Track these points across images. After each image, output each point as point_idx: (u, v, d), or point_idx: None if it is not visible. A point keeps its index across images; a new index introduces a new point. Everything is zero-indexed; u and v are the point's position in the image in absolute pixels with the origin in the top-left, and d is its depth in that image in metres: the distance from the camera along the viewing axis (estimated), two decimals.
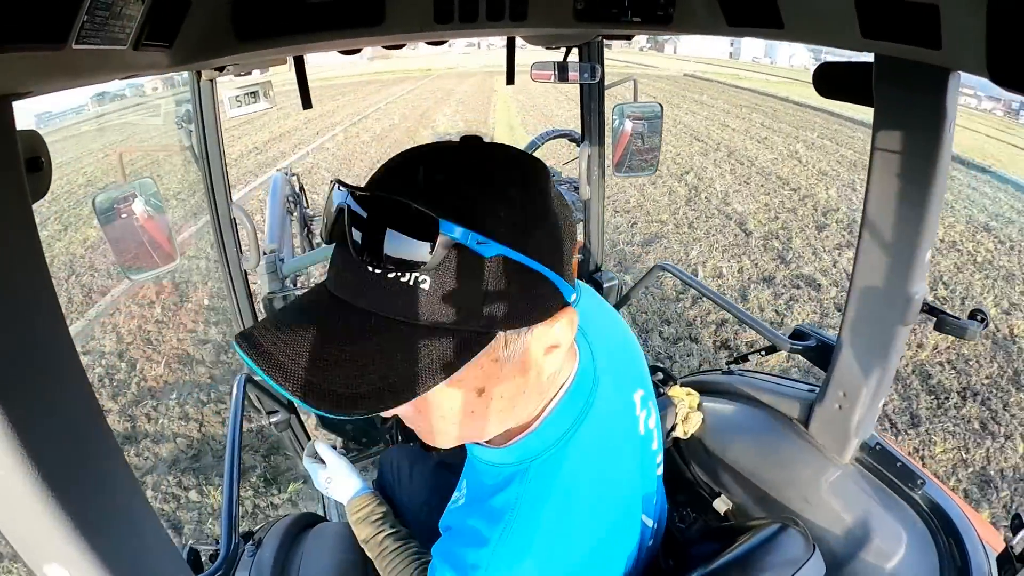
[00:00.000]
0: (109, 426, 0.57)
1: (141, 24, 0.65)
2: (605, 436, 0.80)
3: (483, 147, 0.64)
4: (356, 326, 0.58)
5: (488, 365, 0.63)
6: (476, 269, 0.57)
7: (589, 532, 0.76)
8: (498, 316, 0.59)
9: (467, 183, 0.59)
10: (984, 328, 1.16)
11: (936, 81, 0.94)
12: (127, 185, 1.59)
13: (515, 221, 0.58)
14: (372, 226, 0.55)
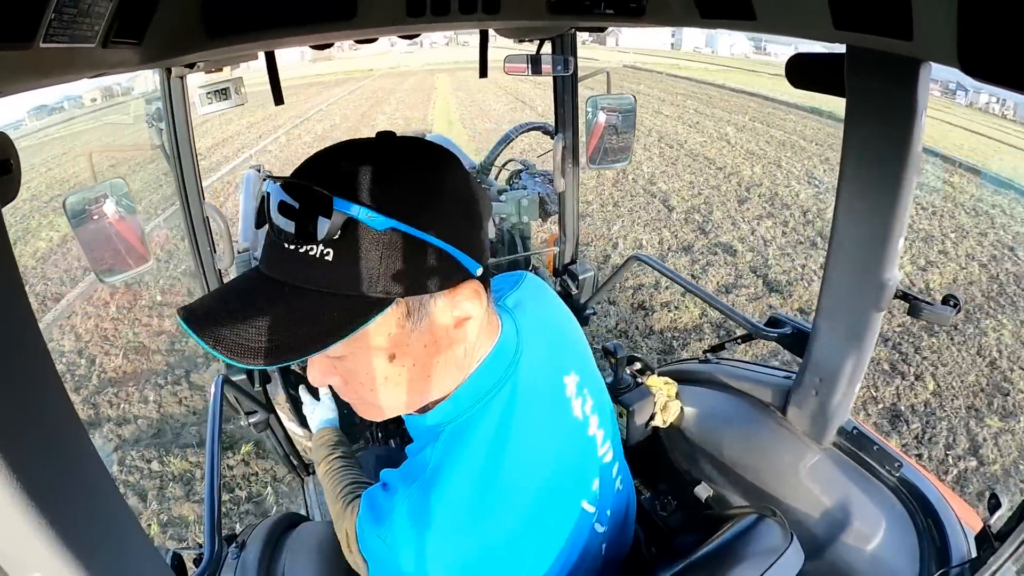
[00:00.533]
0: (89, 436, 0.56)
1: (110, 21, 0.64)
2: (526, 411, 0.82)
3: (390, 139, 0.71)
4: (273, 293, 0.64)
5: (395, 332, 0.69)
6: (370, 241, 0.63)
7: (504, 501, 0.77)
8: (394, 285, 0.65)
9: (365, 167, 0.65)
10: (957, 313, 1.19)
11: (907, 72, 0.95)
12: (98, 186, 1.56)
13: (407, 198, 0.65)
14: (284, 207, 0.62)
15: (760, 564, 0.81)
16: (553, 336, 0.95)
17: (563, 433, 0.88)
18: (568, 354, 0.96)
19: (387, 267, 0.64)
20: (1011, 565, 0.93)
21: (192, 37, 0.97)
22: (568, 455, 0.88)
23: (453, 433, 0.79)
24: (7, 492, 0.45)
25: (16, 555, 0.48)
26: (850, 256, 1.22)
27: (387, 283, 0.64)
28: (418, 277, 0.66)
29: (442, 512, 0.73)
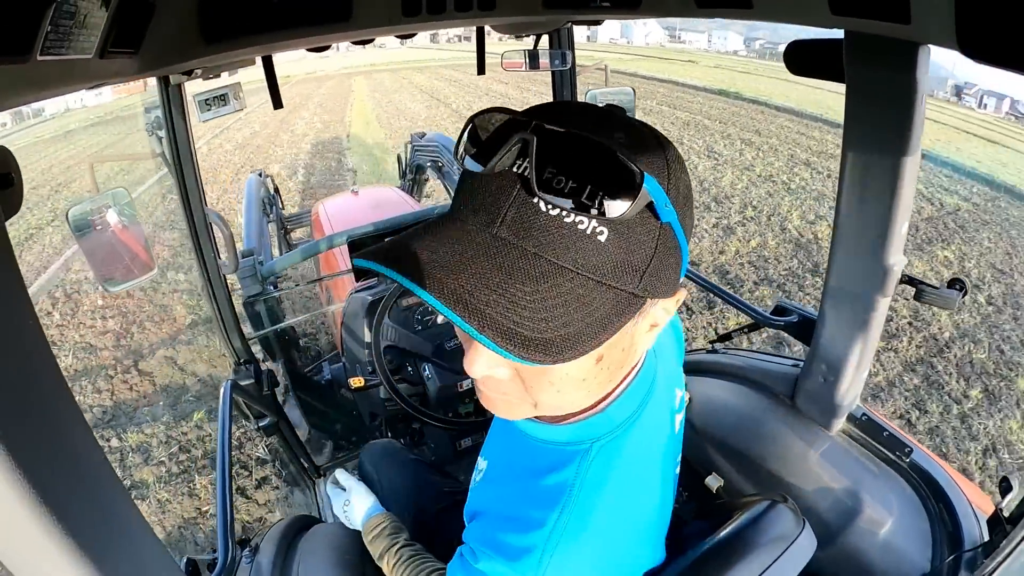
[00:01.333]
0: (99, 444, 0.56)
1: (106, 32, 0.64)
2: (657, 426, 0.79)
3: (630, 118, 0.63)
4: (530, 267, 0.54)
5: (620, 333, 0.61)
6: (652, 231, 0.56)
7: (640, 517, 0.76)
8: (653, 283, 0.58)
9: (655, 145, 0.59)
10: (963, 296, 1.18)
11: (906, 56, 0.94)
12: (100, 196, 1.56)
13: (683, 193, 0.59)
14: (569, 166, 0.53)
15: (773, 550, 0.81)
16: (668, 346, 0.91)
17: (670, 447, 0.84)
18: (673, 363, 0.92)
19: (655, 263, 0.57)
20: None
21: (189, 44, 0.97)
22: (671, 467, 0.85)
23: (603, 449, 0.72)
24: (20, 502, 0.45)
25: (30, 565, 0.49)
26: (854, 242, 1.21)
27: (648, 280, 0.57)
28: (670, 278, 0.60)
29: (599, 528, 0.69)
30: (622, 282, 0.56)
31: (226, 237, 2.03)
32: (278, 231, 4.40)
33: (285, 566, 1.33)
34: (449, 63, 38.21)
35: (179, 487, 3.45)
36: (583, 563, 0.68)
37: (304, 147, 14.18)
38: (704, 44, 60.44)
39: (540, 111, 0.60)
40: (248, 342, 2.16)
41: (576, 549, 0.68)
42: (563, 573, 0.67)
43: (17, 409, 0.46)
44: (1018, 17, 0.53)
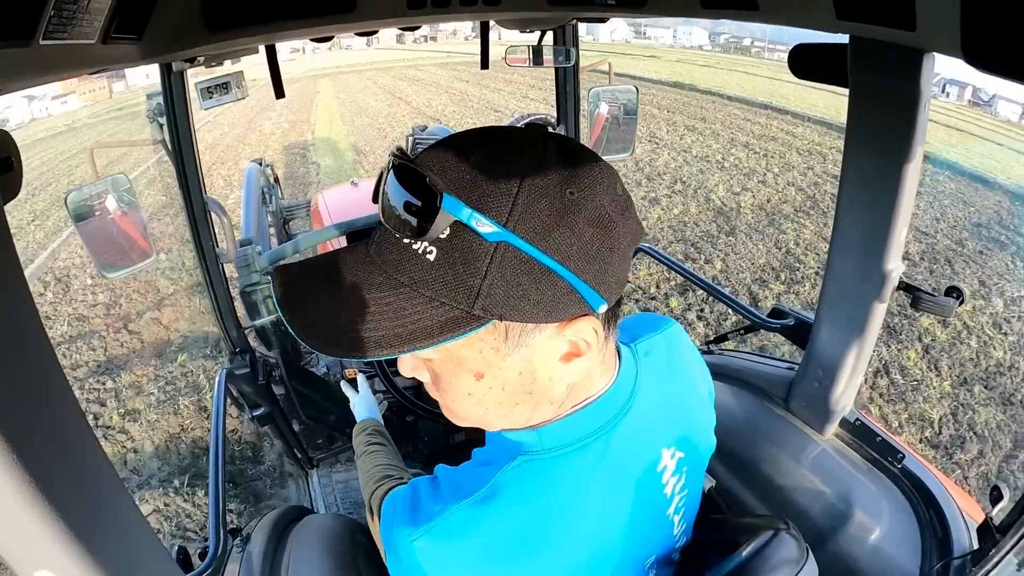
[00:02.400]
0: (92, 430, 0.56)
1: (109, 17, 0.63)
2: (613, 472, 0.73)
3: (541, 136, 0.63)
4: (374, 280, 0.62)
5: (487, 352, 0.62)
6: (476, 251, 0.57)
7: (555, 554, 0.69)
8: (494, 304, 0.58)
9: (494, 165, 0.58)
10: (960, 304, 1.18)
11: (911, 63, 0.94)
12: (100, 182, 1.56)
13: (533, 211, 0.57)
14: (394, 192, 0.59)
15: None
16: (672, 399, 0.84)
17: (643, 508, 0.77)
18: (679, 425, 0.84)
19: (490, 283, 0.57)
20: (1013, 557, 0.93)
21: (192, 32, 0.96)
22: (639, 531, 0.78)
23: (531, 465, 0.70)
24: (12, 488, 0.45)
25: (21, 552, 0.48)
26: (853, 247, 1.21)
27: (487, 301, 0.57)
28: (523, 302, 0.58)
29: (488, 540, 0.67)
30: (453, 299, 0.58)
31: (225, 226, 2.02)
32: (277, 221, 4.38)
33: (276, 556, 1.33)
34: (413, 63, 38.81)
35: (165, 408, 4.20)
36: (460, 561, 0.68)
37: (272, 145, 14.57)
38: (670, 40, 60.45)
39: (439, 143, 0.64)
40: (244, 331, 2.15)
41: (460, 541, 0.68)
42: (438, 556, 0.68)
43: (9, 394, 0.46)
44: None
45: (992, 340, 4.80)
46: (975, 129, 16.82)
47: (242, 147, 14.59)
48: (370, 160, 11.76)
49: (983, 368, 4.46)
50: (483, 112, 16.93)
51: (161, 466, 3.57)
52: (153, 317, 5.63)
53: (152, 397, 4.33)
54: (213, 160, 12.93)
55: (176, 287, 6.24)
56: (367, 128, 15.63)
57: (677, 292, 5.37)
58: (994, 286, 5.82)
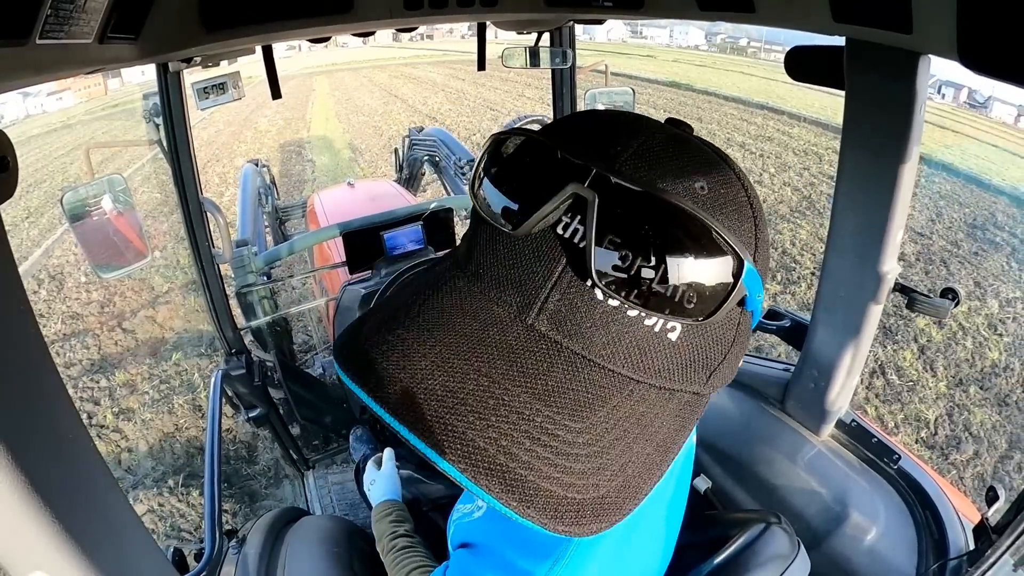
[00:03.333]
0: (88, 433, 0.56)
1: (106, 17, 0.63)
2: (676, 498, 0.74)
3: (698, 142, 0.47)
4: (579, 383, 0.40)
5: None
6: (734, 319, 0.45)
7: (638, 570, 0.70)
8: (720, 377, 0.46)
9: (737, 193, 0.44)
10: (955, 306, 1.18)
11: (906, 65, 0.94)
12: (95, 182, 1.55)
13: (764, 254, 0.46)
14: (641, 242, 0.39)
15: (769, 574, 0.82)
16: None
17: (675, 499, 0.76)
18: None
19: (732, 354, 0.46)
20: (1008, 558, 0.93)
21: (189, 32, 0.96)
22: (674, 519, 0.76)
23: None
24: (7, 489, 0.45)
25: (17, 553, 0.48)
26: (849, 248, 1.22)
27: (717, 375, 0.46)
28: (735, 364, 0.48)
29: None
30: (688, 383, 0.44)
31: (221, 226, 2.02)
32: (273, 222, 4.38)
33: (272, 557, 1.33)
34: (409, 61, 38.73)
35: (160, 407, 4.15)
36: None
37: (267, 142, 14.55)
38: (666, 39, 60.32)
39: (582, 134, 0.46)
40: (240, 332, 2.15)
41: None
42: None
43: (3, 394, 0.45)
44: (1019, 30, 0.53)
45: (987, 341, 4.81)
46: (970, 131, 16.89)
47: (238, 144, 14.58)
48: (366, 158, 11.76)
49: (978, 369, 4.48)
50: (480, 111, 16.91)
51: (155, 466, 3.57)
52: (147, 315, 5.64)
53: (146, 396, 4.32)
54: (208, 157, 12.90)
55: (171, 285, 6.25)
56: (363, 126, 15.68)
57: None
58: (989, 287, 5.84)
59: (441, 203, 2.63)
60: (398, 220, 2.43)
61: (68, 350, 5.10)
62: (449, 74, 28.38)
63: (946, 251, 6.86)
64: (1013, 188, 10.02)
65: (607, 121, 0.47)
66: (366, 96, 22.63)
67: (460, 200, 3.11)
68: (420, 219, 2.45)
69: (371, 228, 2.38)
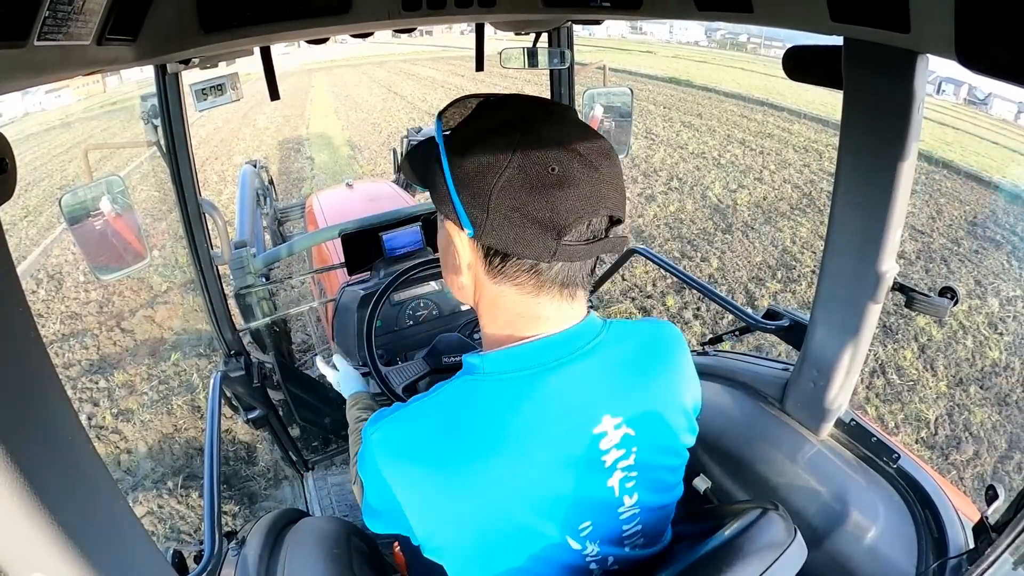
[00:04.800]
0: (87, 434, 0.56)
1: (104, 18, 0.63)
2: (538, 406, 0.78)
3: (531, 97, 0.82)
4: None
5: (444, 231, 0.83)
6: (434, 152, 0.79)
7: (465, 468, 0.76)
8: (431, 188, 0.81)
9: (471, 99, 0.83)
10: (954, 305, 1.19)
11: (905, 64, 0.94)
12: (94, 184, 1.55)
13: (464, 133, 0.77)
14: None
15: (764, 559, 0.81)
16: (635, 380, 0.85)
17: (571, 462, 0.80)
18: (635, 405, 0.85)
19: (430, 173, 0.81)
20: (1008, 556, 0.93)
21: (187, 33, 0.96)
22: (566, 484, 0.80)
23: (470, 383, 0.81)
24: (7, 492, 0.45)
25: (16, 555, 0.48)
26: (847, 248, 1.22)
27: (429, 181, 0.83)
28: (437, 197, 0.80)
29: (420, 429, 0.79)
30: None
31: (220, 227, 2.02)
32: (271, 223, 4.38)
33: (272, 559, 1.33)
34: (408, 58, 38.67)
35: (159, 408, 4.16)
36: (390, 451, 0.79)
37: (266, 140, 14.54)
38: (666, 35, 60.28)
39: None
40: (239, 334, 2.15)
41: (389, 436, 0.80)
42: (379, 448, 0.79)
43: (6, 399, 0.46)
44: (1017, 29, 0.53)
45: (988, 340, 4.81)
46: (970, 127, 16.88)
47: (236, 142, 14.54)
48: (365, 156, 11.75)
49: (979, 368, 4.48)
50: None
51: (154, 467, 3.56)
52: (146, 315, 5.63)
53: (145, 397, 4.32)
54: (207, 155, 12.90)
55: (169, 284, 6.23)
56: (362, 123, 15.60)
57: (674, 291, 5.35)
58: (989, 286, 5.83)
59: None
60: (397, 221, 2.43)
61: (67, 350, 5.08)
62: (448, 70, 28.37)
63: (946, 249, 6.84)
64: (1014, 185, 9.99)
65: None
66: (365, 93, 22.64)
67: None
68: (419, 220, 2.46)
69: (370, 229, 2.38)
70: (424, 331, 2.39)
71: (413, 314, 2.41)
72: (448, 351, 1.79)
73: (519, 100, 0.80)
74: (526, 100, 0.80)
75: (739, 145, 11.79)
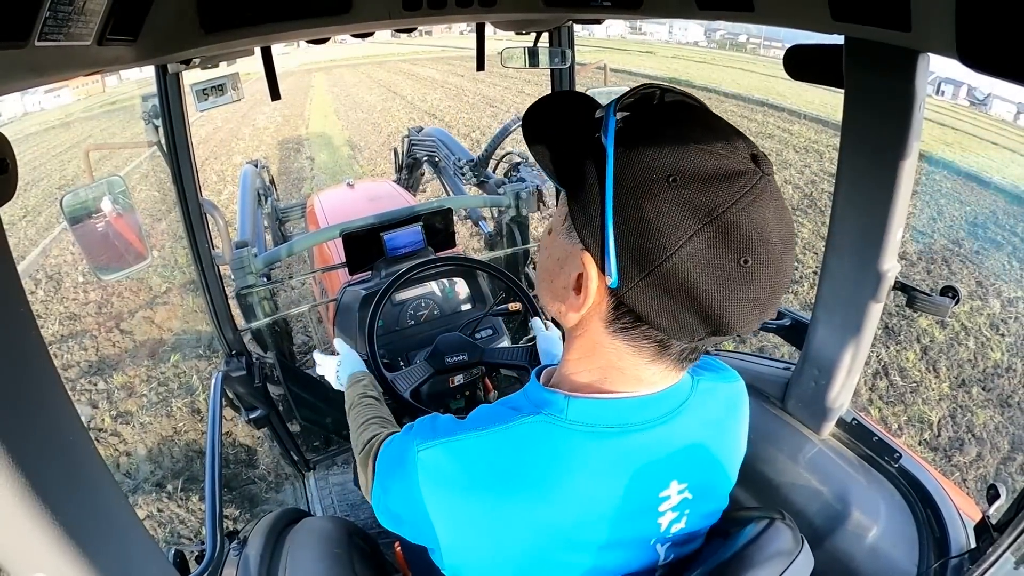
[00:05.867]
0: (90, 435, 0.56)
1: (105, 19, 0.63)
2: (613, 468, 0.74)
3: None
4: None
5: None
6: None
7: (520, 503, 0.72)
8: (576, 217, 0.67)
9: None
10: (956, 304, 1.18)
11: (906, 63, 0.94)
12: (95, 184, 1.55)
13: (647, 152, 0.61)
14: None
15: (772, 570, 0.81)
16: (706, 445, 0.83)
17: (629, 522, 0.77)
18: (702, 472, 0.83)
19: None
20: (1010, 556, 0.93)
21: (187, 33, 0.96)
22: (618, 539, 0.78)
23: (549, 426, 0.72)
24: (9, 492, 0.45)
25: (18, 555, 0.48)
26: (849, 247, 1.22)
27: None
28: (575, 207, 0.67)
29: (479, 466, 0.72)
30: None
31: (221, 227, 2.02)
32: (272, 222, 4.38)
33: (273, 559, 1.33)
34: (408, 58, 38.58)
35: (159, 410, 4.13)
36: (440, 480, 0.73)
37: (266, 140, 14.57)
38: (665, 35, 60.32)
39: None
40: (240, 334, 2.15)
41: (444, 464, 0.73)
42: (427, 470, 0.73)
43: (8, 399, 0.46)
44: (1018, 28, 0.53)
45: (990, 341, 4.81)
46: (970, 128, 16.90)
47: (236, 142, 14.58)
48: (365, 156, 11.76)
49: (981, 369, 4.47)
50: (479, 107, 16.94)
51: (154, 470, 3.55)
52: (145, 316, 5.61)
53: (144, 399, 4.30)
54: (206, 155, 12.90)
55: (169, 285, 6.25)
56: (362, 123, 15.68)
57: None
58: (991, 287, 5.84)
59: (441, 203, 2.64)
60: (398, 221, 2.43)
61: (65, 351, 5.07)
62: (448, 70, 28.39)
63: (948, 250, 6.84)
64: (1013, 186, 10.01)
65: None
66: (365, 93, 22.67)
67: (460, 200, 3.11)
68: (420, 220, 2.46)
69: (371, 229, 2.38)
70: (425, 331, 2.39)
71: (414, 314, 2.42)
72: (450, 352, 1.79)
73: (718, 123, 0.64)
74: (726, 127, 0.64)
75: None
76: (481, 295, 2.55)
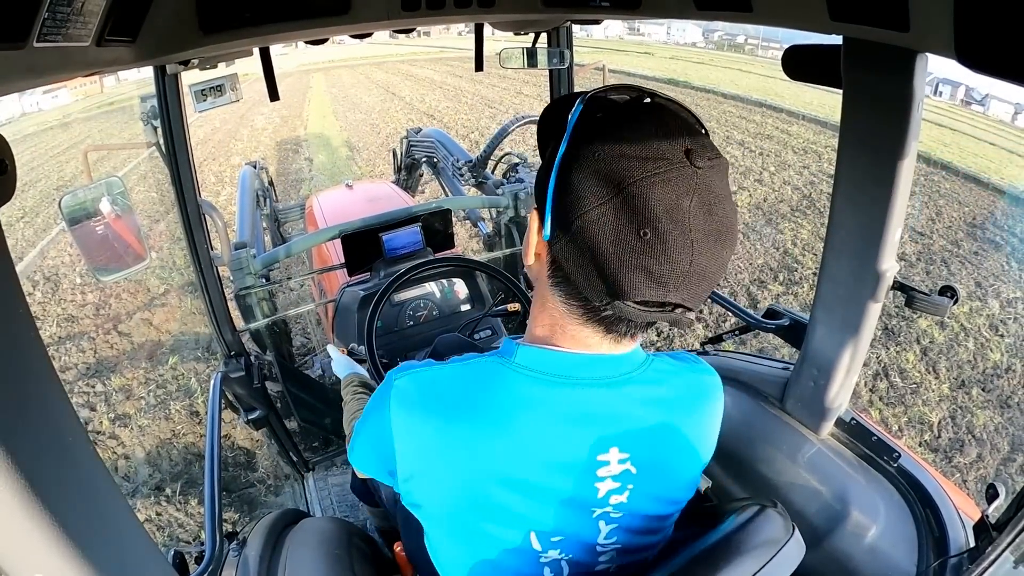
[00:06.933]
0: (88, 436, 0.56)
1: (103, 19, 0.63)
2: (551, 415, 0.79)
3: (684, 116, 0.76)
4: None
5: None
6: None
7: (468, 428, 0.79)
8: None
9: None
10: (954, 303, 1.18)
11: (904, 63, 0.94)
12: (94, 185, 1.55)
13: (593, 132, 0.70)
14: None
15: (762, 555, 0.81)
16: (656, 426, 0.84)
17: (564, 476, 0.80)
18: (647, 449, 0.83)
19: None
20: (1009, 555, 0.93)
21: (186, 34, 0.96)
22: (553, 493, 0.81)
23: (499, 366, 0.82)
24: (8, 494, 0.44)
25: (17, 556, 0.48)
26: (847, 247, 1.22)
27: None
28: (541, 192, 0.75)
29: (438, 392, 0.82)
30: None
31: (220, 228, 2.02)
32: (271, 223, 4.38)
33: (273, 559, 1.33)
34: (406, 58, 38.54)
35: (157, 413, 4.10)
36: (408, 401, 0.82)
37: (264, 140, 14.56)
38: (663, 36, 60.30)
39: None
40: (239, 335, 2.15)
41: (412, 388, 0.83)
42: (398, 393, 0.83)
43: (7, 401, 0.45)
44: (1016, 28, 0.53)
45: (989, 342, 4.81)
46: (968, 128, 16.90)
47: (234, 142, 14.54)
48: (364, 157, 11.74)
49: (980, 370, 4.47)
50: (478, 108, 16.94)
51: (152, 473, 3.53)
52: (144, 318, 5.58)
53: (143, 401, 4.27)
54: (204, 156, 12.87)
55: (167, 287, 6.22)
56: (360, 124, 15.67)
57: None
58: (990, 287, 5.84)
59: (440, 204, 2.64)
60: (397, 222, 2.43)
61: (63, 353, 5.05)
62: (447, 71, 28.38)
63: (946, 251, 6.84)
64: (1011, 186, 10.02)
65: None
66: (363, 93, 22.65)
67: (458, 201, 3.11)
68: (418, 220, 2.46)
69: (370, 230, 2.38)
70: (424, 331, 2.39)
71: (413, 314, 2.42)
72: (448, 352, 1.78)
73: (672, 122, 0.70)
74: (679, 126, 0.70)
75: (738, 146, 11.82)
76: (480, 296, 2.55)
